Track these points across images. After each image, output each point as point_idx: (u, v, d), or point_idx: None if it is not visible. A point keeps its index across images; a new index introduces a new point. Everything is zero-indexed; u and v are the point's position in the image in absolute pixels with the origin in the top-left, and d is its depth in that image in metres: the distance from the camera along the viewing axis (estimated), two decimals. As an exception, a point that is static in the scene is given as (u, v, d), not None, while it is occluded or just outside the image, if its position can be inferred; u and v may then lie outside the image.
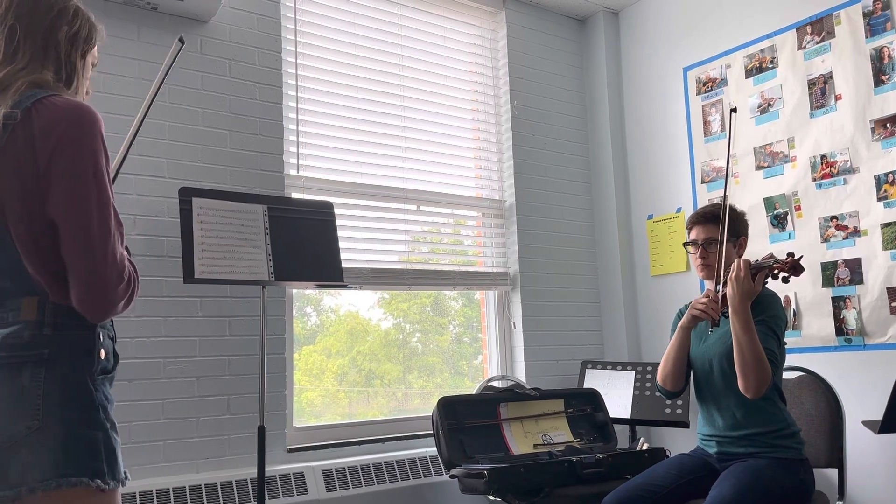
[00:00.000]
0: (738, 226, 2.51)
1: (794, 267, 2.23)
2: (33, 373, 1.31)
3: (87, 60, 1.51)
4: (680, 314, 2.64)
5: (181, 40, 1.84)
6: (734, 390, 2.34)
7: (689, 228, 2.56)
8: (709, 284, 2.51)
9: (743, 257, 2.36)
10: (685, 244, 2.58)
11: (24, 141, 1.33)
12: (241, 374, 2.89)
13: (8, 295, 1.35)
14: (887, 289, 2.96)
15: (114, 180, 1.62)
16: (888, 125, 3.00)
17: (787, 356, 3.25)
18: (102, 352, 1.39)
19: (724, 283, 2.37)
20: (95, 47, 1.55)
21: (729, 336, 2.36)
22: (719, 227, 2.45)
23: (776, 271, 2.27)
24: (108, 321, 1.45)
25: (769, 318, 2.32)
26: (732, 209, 2.56)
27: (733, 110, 2.57)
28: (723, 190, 3.54)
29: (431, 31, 3.73)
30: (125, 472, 1.39)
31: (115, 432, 1.39)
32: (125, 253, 1.38)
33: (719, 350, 2.39)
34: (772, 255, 2.33)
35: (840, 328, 3.09)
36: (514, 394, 3.14)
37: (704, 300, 2.36)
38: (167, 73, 1.80)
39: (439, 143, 3.67)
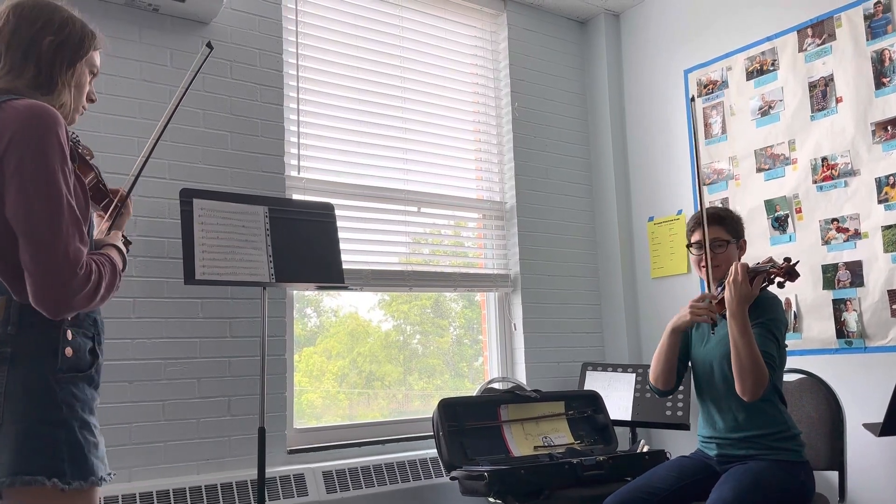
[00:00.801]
0: (738, 227, 2.51)
1: (788, 272, 2.23)
2: None
3: (76, 69, 1.51)
4: None
5: (209, 45, 1.86)
6: (735, 393, 2.34)
7: (692, 231, 2.54)
8: (712, 287, 2.50)
9: (741, 261, 2.36)
10: (688, 246, 2.56)
11: None
12: (241, 375, 2.89)
13: None
14: (888, 291, 2.96)
15: (133, 185, 1.63)
16: (889, 128, 3.00)
17: (788, 359, 3.25)
18: (69, 350, 1.39)
19: (722, 287, 2.38)
20: (95, 55, 1.56)
21: (721, 328, 2.37)
22: (724, 228, 2.46)
23: (772, 276, 2.26)
24: (84, 322, 1.45)
25: (769, 321, 2.32)
26: (731, 211, 2.57)
27: None
28: (724, 192, 3.56)
29: (432, 32, 3.73)
30: (107, 474, 1.39)
31: (88, 432, 1.38)
32: (81, 248, 1.36)
33: (720, 352, 2.39)
34: (771, 259, 2.32)
35: (841, 330, 3.08)
36: (515, 395, 3.14)
37: (702, 303, 2.35)
38: (194, 78, 1.82)
39: (440, 145, 3.67)
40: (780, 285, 2.27)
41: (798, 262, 2.30)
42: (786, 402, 2.42)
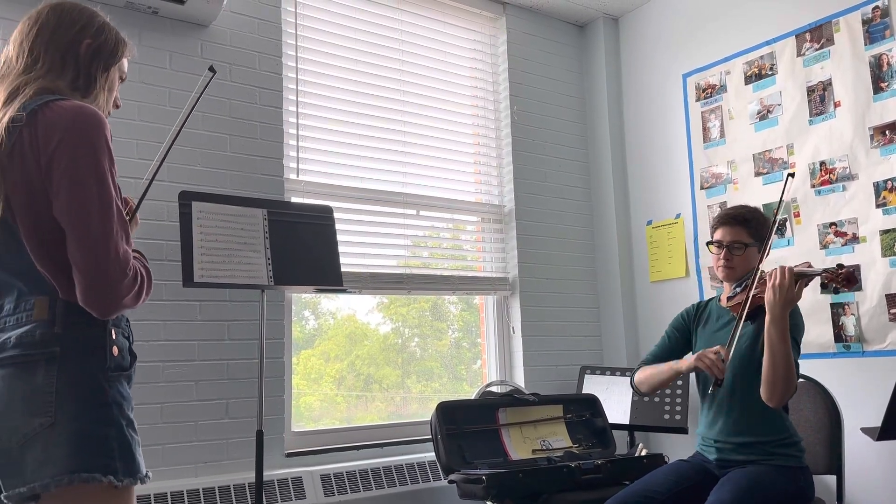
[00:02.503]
0: (763, 230, 2.42)
1: (847, 279, 2.10)
2: (46, 371, 1.33)
3: (110, 74, 1.55)
4: (686, 312, 2.61)
5: (212, 69, 1.89)
6: (741, 396, 2.34)
7: (715, 228, 2.49)
8: (727, 288, 2.48)
9: (784, 264, 2.24)
10: (708, 243, 2.51)
11: (29, 143, 1.36)
12: (239, 378, 2.89)
13: (22, 296, 1.39)
14: (886, 295, 2.96)
15: (138, 208, 1.64)
16: (887, 132, 3.01)
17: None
18: (115, 349, 1.41)
19: (738, 286, 2.36)
20: (125, 62, 1.60)
21: (745, 341, 2.34)
22: (746, 231, 2.40)
23: (827, 282, 2.14)
24: (122, 321, 1.47)
25: (792, 328, 2.26)
26: (758, 212, 2.48)
27: None
28: (723, 196, 3.56)
29: (432, 36, 3.73)
30: (147, 472, 1.41)
31: (133, 430, 1.40)
32: (129, 250, 1.39)
33: (731, 354, 2.36)
34: (809, 264, 2.24)
35: (839, 335, 3.08)
36: (513, 399, 3.14)
37: (713, 356, 2.24)
38: (197, 101, 1.83)
39: (439, 148, 3.67)
40: (836, 291, 2.16)
41: (855, 267, 2.20)
42: (788, 409, 2.42)
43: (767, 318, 2.19)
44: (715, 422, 2.42)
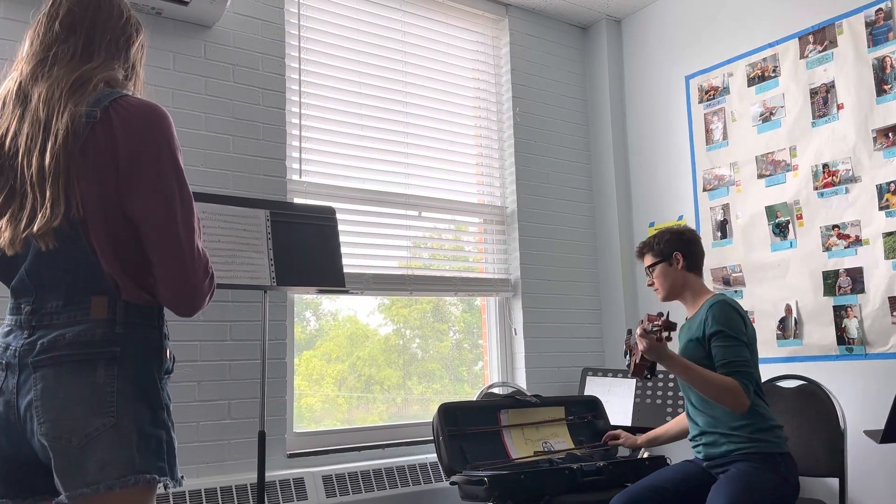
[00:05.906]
0: (665, 246, 2.56)
1: (668, 326, 2.28)
2: (107, 370, 1.30)
3: (141, 64, 1.55)
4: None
5: None
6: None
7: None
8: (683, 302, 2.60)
9: (637, 325, 2.39)
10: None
11: (105, 140, 1.33)
12: (241, 378, 2.89)
13: (74, 293, 1.34)
14: (889, 298, 2.95)
15: None
16: (890, 135, 3.00)
17: (789, 365, 3.25)
18: (168, 351, 1.40)
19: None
20: None
21: (689, 351, 2.45)
22: (650, 254, 2.58)
23: (660, 335, 2.31)
24: (166, 323, 1.45)
25: (726, 328, 2.35)
26: (658, 234, 2.62)
27: None
28: (725, 197, 3.56)
29: (435, 37, 3.74)
30: (181, 475, 1.40)
31: (174, 433, 1.39)
32: (203, 248, 1.40)
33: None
34: (660, 314, 2.37)
35: (841, 337, 3.08)
36: (515, 400, 3.13)
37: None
38: None
39: (442, 150, 3.67)
40: (668, 339, 2.32)
41: (669, 312, 2.42)
42: (763, 393, 2.42)
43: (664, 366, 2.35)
44: (695, 424, 2.48)
